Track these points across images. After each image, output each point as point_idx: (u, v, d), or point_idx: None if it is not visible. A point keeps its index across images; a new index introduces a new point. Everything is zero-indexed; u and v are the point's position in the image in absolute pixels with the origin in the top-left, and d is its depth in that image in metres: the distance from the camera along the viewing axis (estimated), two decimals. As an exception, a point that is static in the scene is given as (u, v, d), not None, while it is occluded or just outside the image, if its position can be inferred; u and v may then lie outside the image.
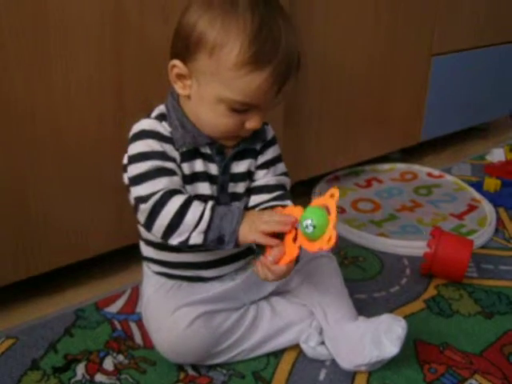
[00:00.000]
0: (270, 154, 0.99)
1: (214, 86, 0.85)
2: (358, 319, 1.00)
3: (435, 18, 1.69)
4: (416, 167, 1.81)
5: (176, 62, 0.87)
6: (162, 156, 0.88)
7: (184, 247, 0.88)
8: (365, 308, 1.08)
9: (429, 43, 1.71)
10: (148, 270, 1.03)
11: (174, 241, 0.87)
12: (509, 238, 1.41)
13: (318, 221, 0.80)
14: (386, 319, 0.97)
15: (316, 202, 0.85)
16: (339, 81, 1.50)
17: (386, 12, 1.54)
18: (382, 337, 0.94)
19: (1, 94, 0.96)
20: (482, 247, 1.37)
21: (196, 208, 0.86)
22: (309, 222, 0.81)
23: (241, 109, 0.86)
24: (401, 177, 1.76)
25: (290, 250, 0.84)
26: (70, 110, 1.04)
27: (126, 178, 0.92)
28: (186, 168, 0.91)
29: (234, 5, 0.83)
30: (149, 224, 0.87)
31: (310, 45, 1.37)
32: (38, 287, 1.16)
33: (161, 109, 0.94)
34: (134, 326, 1.06)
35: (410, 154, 1.89)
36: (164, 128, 0.91)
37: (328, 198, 0.83)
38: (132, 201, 0.90)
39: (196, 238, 0.86)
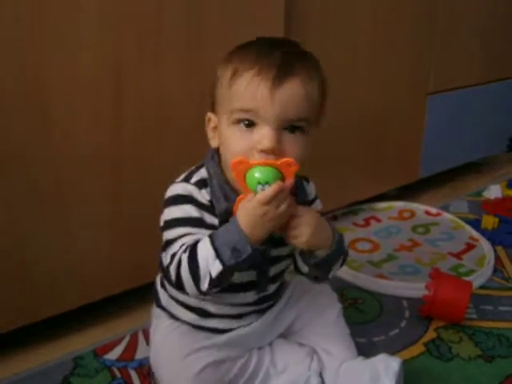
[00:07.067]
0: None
1: (223, 111, 0.86)
2: (357, 359, 1.00)
3: (430, 57, 1.71)
4: (413, 205, 1.81)
5: (209, 113, 0.90)
6: (198, 222, 0.87)
7: (219, 285, 0.84)
8: (364, 353, 1.06)
9: (424, 82, 1.73)
10: (162, 312, 1.01)
11: (204, 286, 0.83)
12: (508, 277, 1.41)
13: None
14: (382, 358, 0.97)
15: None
16: (335, 119, 1.50)
17: (382, 52, 1.56)
18: (381, 374, 0.93)
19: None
20: (481, 287, 1.36)
21: (201, 249, 0.82)
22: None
23: (245, 118, 0.83)
24: (399, 215, 1.76)
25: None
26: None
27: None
28: None
29: (243, 47, 0.88)
30: (179, 286, 0.86)
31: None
32: (36, 335, 1.15)
33: (202, 173, 0.91)
34: (133, 374, 1.05)
35: (407, 190, 1.89)
36: (202, 196, 0.88)
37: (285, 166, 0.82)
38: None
39: (215, 267, 0.81)
